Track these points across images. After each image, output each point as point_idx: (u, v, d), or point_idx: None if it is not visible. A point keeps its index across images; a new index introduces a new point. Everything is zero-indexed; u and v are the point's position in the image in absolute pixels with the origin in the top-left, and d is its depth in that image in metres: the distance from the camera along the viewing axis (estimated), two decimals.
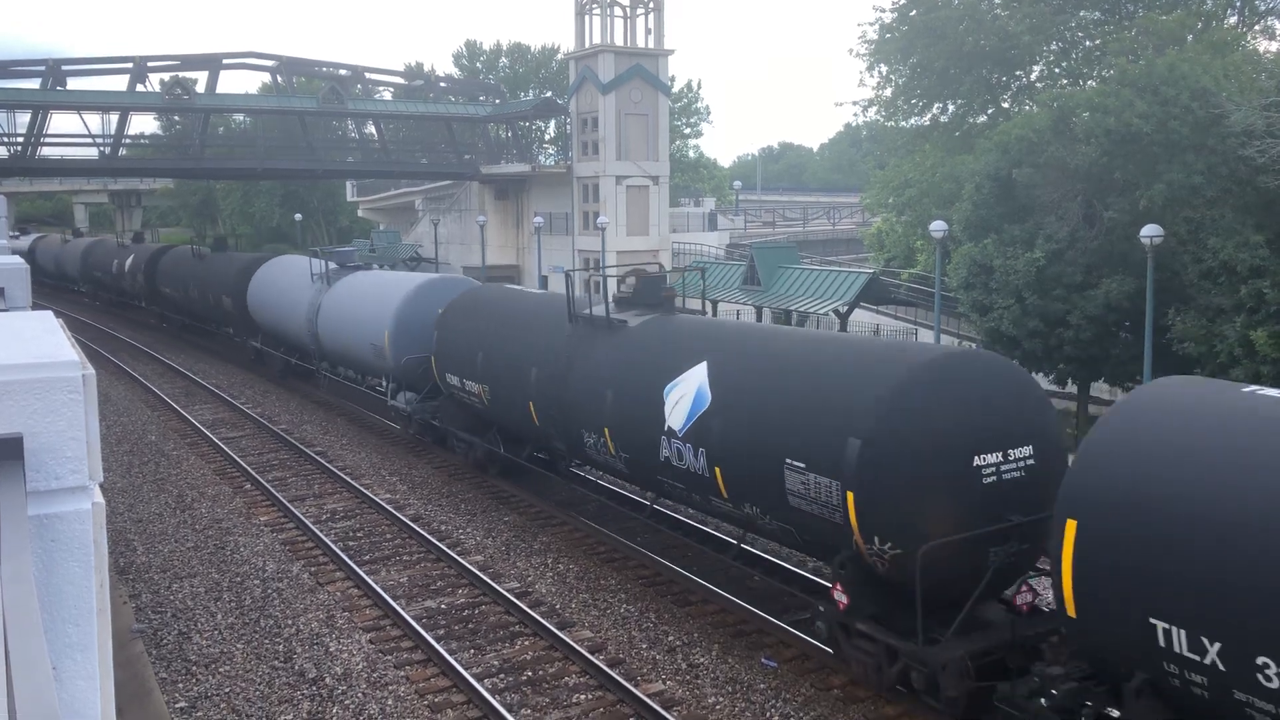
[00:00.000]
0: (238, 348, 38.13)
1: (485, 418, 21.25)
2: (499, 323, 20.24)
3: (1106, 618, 9.03)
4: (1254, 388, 9.55)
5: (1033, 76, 44.86)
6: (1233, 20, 40.21)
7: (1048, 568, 10.63)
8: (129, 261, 49.70)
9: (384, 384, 25.79)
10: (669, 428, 14.16)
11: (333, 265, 29.85)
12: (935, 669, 10.89)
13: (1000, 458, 11.12)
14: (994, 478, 11.10)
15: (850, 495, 11.12)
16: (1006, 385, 11.69)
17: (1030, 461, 11.33)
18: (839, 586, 11.91)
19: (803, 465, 11.80)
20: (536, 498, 20.44)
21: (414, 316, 23.77)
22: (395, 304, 24.21)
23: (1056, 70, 44.32)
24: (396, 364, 23.99)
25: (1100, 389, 30.32)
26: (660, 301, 17.23)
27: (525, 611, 14.83)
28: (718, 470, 13.49)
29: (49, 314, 3.94)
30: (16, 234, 75.42)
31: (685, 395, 14.02)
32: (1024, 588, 11.70)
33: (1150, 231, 22.27)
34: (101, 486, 2.80)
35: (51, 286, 65.64)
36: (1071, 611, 9.24)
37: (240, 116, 69.14)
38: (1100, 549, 8.94)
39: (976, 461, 11.01)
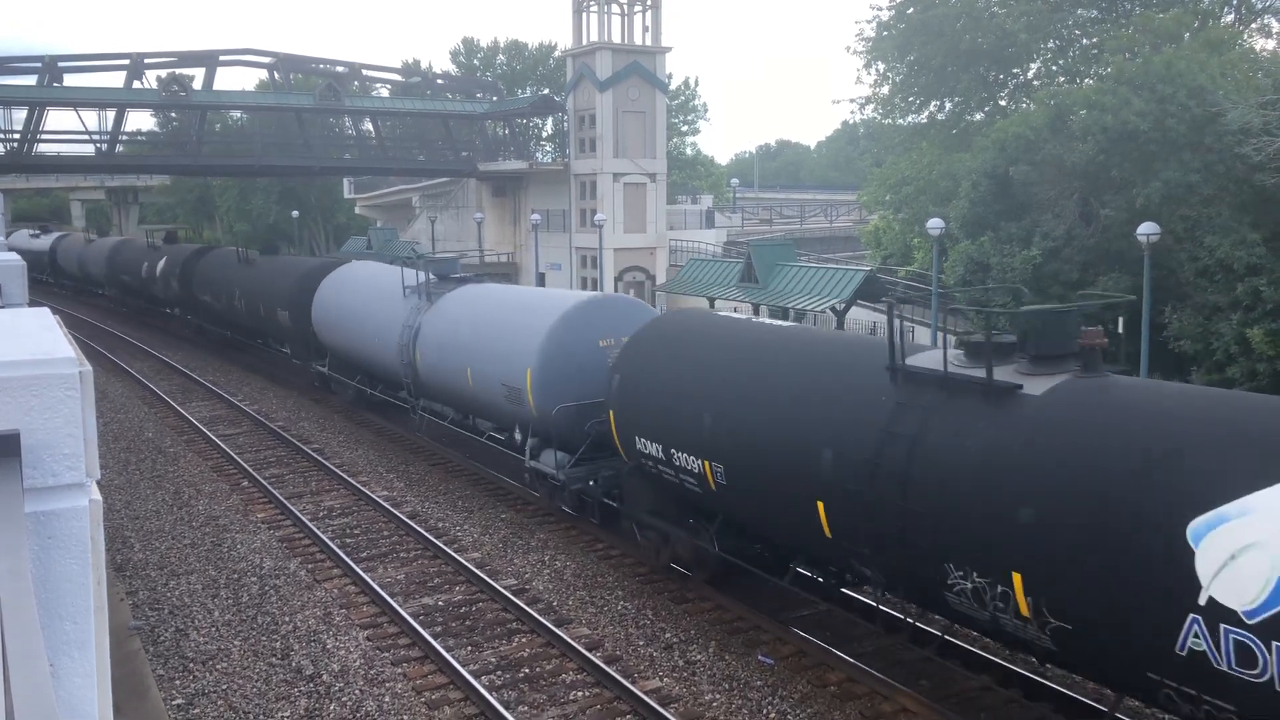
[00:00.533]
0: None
1: (707, 507, 14.80)
2: (742, 368, 13.72)
3: (624, 438, 15.66)
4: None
5: (1030, 74, 44.90)
6: (1230, 18, 40.25)
7: None
8: (161, 264, 44.12)
9: (518, 437, 19.60)
10: (1213, 602, 7.78)
11: (432, 276, 23.95)
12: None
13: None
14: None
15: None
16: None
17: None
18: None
19: None
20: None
21: (566, 350, 18.11)
22: (541, 333, 18.30)
23: (1054, 68, 44.35)
24: (543, 414, 18.16)
25: None
26: (1074, 351, 10.39)
27: (522, 609, 14.84)
28: None
29: (46, 310, 3.94)
30: (38, 232, 73.52)
31: (1253, 549, 7.59)
32: None
33: (1147, 229, 22.31)
34: (99, 483, 2.80)
35: (73, 289, 64.09)
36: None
37: (237, 113, 69.02)
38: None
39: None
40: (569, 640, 13.73)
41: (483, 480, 21.91)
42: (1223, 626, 7.60)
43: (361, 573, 16.33)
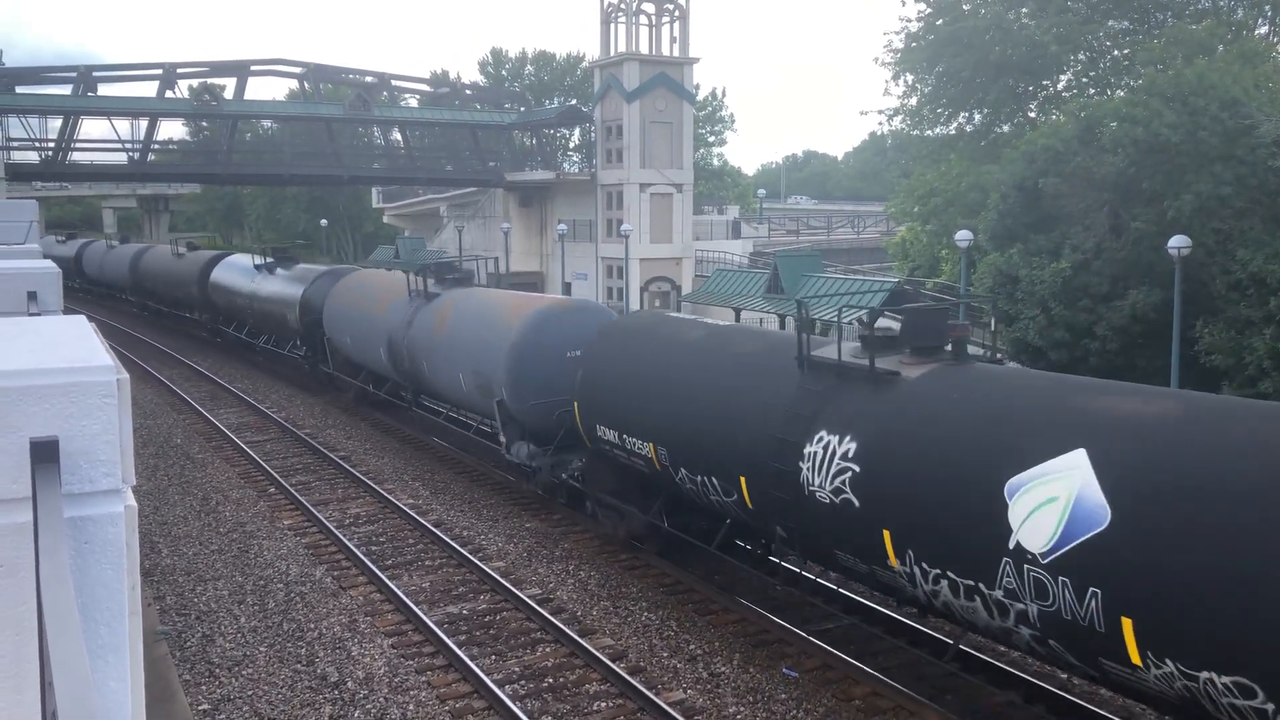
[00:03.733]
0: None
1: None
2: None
3: (586, 426, 17.35)
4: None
5: (1059, 86, 44.67)
6: (1263, 30, 39.91)
7: None
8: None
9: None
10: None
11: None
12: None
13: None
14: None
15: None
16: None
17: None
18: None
19: None
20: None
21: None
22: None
23: (1084, 80, 44.11)
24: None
25: None
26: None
27: (546, 618, 14.83)
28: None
29: (82, 318, 3.99)
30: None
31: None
32: None
33: (1178, 242, 22.10)
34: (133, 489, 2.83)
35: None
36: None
37: (267, 123, 69.68)
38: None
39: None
40: (593, 651, 13.71)
41: (507, 489, 21.95)
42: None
43: (387, 580, 16.39)
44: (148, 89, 51.45)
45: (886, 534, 11.00)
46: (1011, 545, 9.49)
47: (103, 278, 61.02)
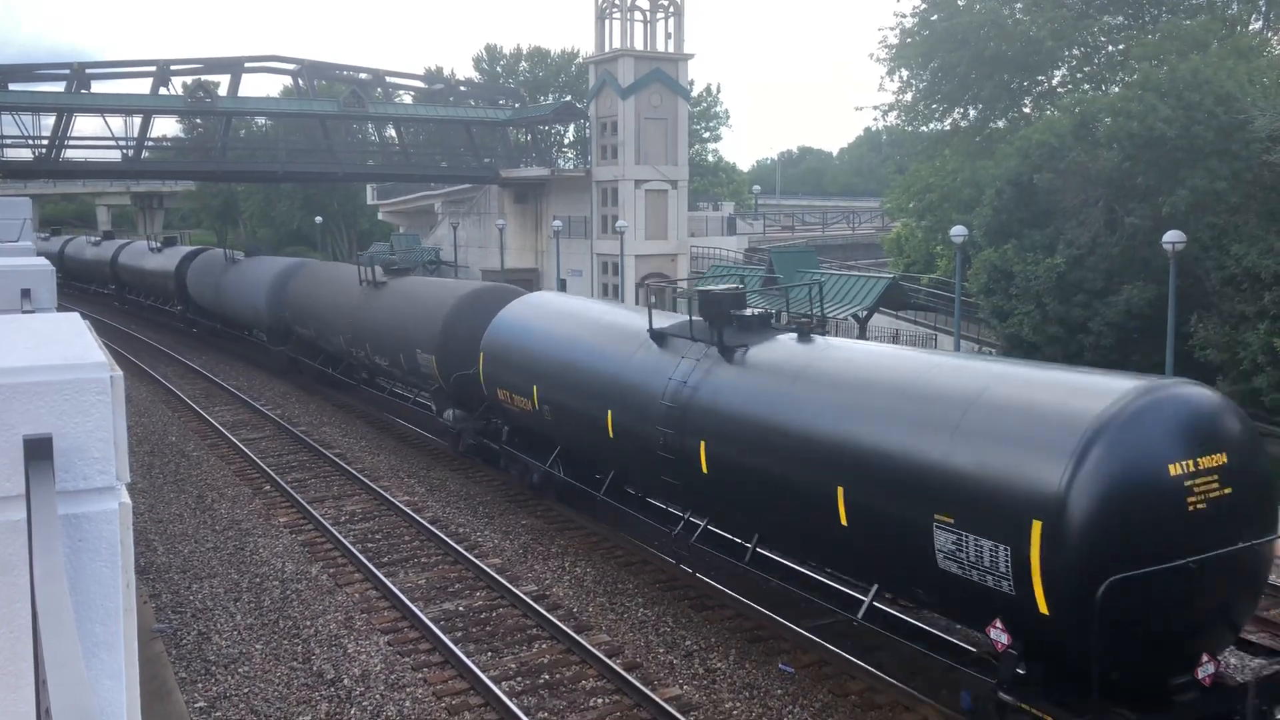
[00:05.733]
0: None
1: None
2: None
3: (489, 390, 21.09)
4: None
5: (1054, 81, 44.69)
6: (1257, 25, 39.96)
7: None
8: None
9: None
10: None
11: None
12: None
13: None
14: None
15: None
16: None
17: None
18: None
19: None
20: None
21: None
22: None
23: (1079, 75, 44.12)
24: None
25: None
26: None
27: (543, 615, 14.84)
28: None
29: (76, 315, 3.98)
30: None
31: None
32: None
33: (1172, 237, 22.12)
34: (127, 486, 2.82)
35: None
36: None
37: (262, 120, 69.53)
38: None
39: None
40: (589, 647, 13.72)
41: (503, 486, 21.95)
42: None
43: (383, 577, 16.38)
44: (141, 86, 51.29)
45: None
46: None
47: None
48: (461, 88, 63.96)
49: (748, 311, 15.40)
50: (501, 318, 21.12)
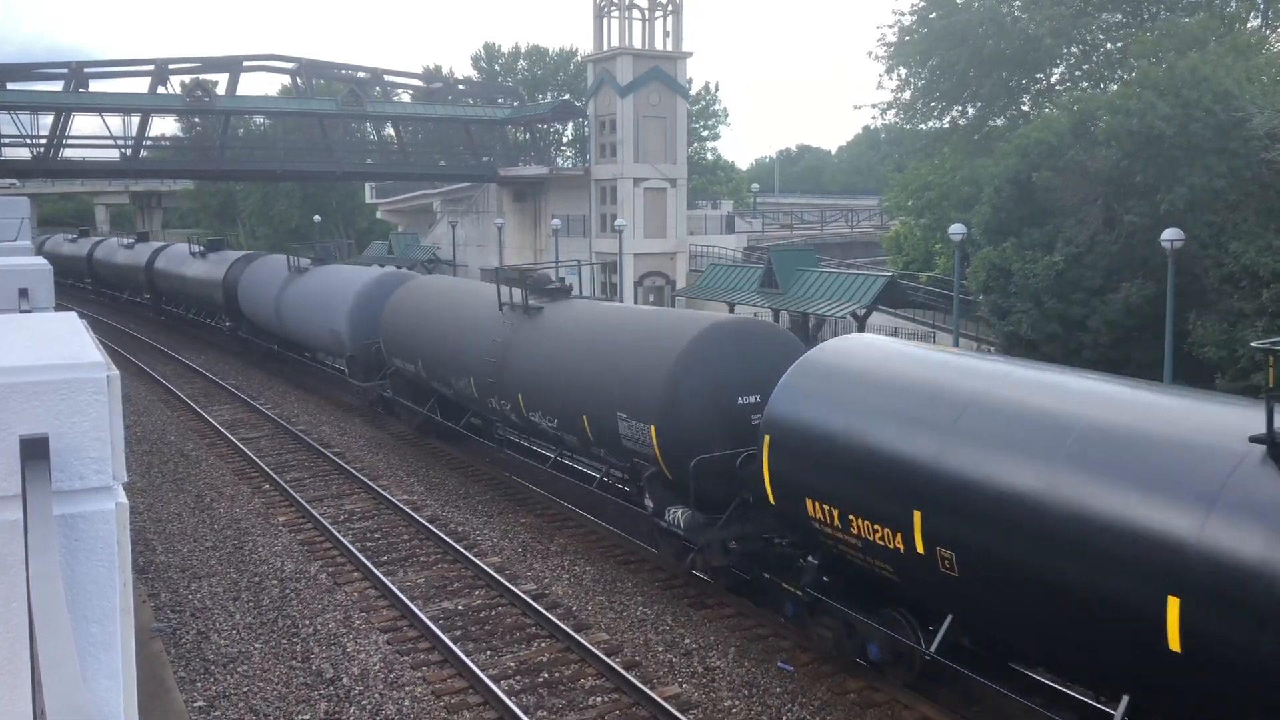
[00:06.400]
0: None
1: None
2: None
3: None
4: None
5: (1053, 79, 44.67)
6: (1256, 23, 39.96)
7: None
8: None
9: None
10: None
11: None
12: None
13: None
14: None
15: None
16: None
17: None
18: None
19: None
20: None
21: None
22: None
23: (1077, 74, 44.11)
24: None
25: None
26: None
27: (542, 613, 14.84)
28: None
29: (73, 315, 3.98)
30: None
31: None
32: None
33: (1171, 235, 22.13)
34: (124, 486, 2.82)
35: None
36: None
37: (260, 119, 69.49)
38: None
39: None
40: (588, 645, 13.72)
41: (502, 485, 21.95)
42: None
43: (382, 576, 16.38)
44: (140, 85, 51.29)
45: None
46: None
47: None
48: (460, 86, 63.93)
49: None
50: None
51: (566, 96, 63.24)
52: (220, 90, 52.34)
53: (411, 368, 24.88)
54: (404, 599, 15.41)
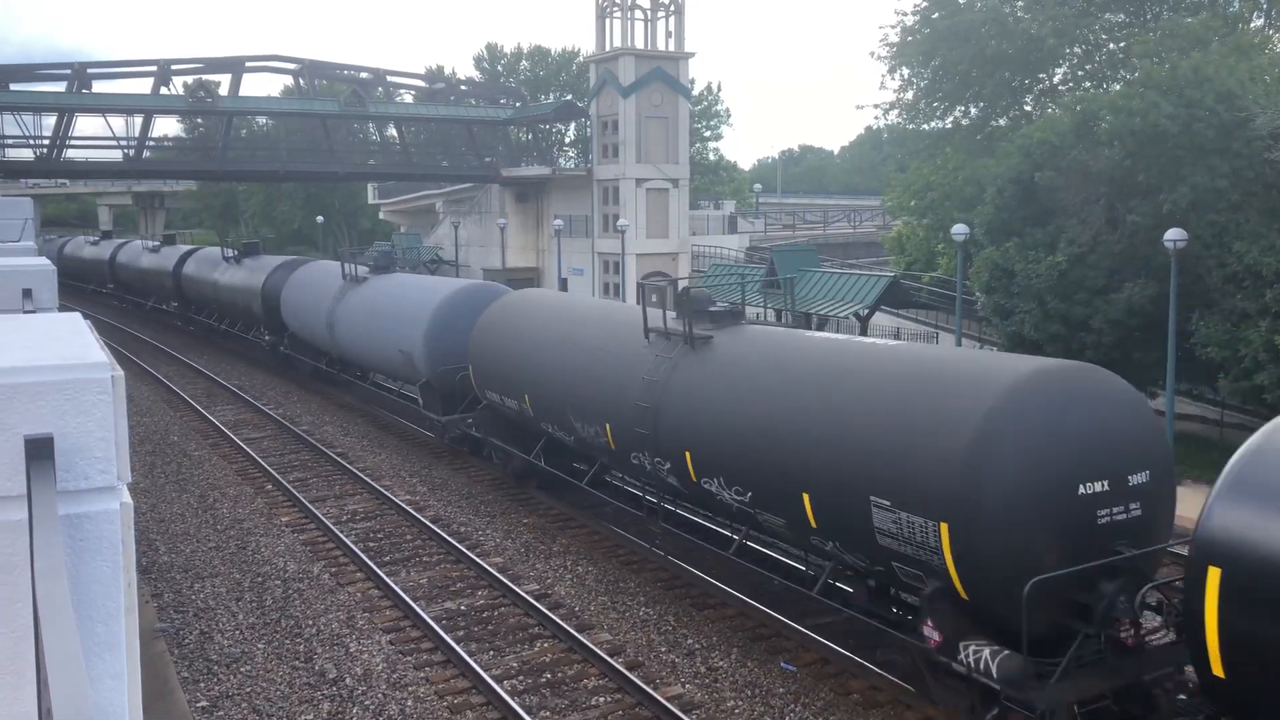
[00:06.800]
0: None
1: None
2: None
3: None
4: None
5: (1056, 79, 44.62)
6: (1259, 23, 39.91)
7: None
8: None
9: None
10: None
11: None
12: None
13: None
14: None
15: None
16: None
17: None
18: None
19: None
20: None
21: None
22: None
23: (1080, 73, 44.07)
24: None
25: None
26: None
27: (544, 614, 14.84)
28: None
29: (77, 315, 3.98)
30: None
31: None
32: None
33: (1174, 235, 22.10)
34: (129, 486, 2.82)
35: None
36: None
37: (263, 119, 69.51)
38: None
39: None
40: (591, 646, 13.72)
41: (504, 485, 21.95)
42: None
43: (385, 577, 16.39)
44: (142, 85, 51.29)
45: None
46: None
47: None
48: (462, 87, 63.92)
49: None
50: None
51: (569, 97, 63.23)
52: (223, 91, 52.36)
53: (514, 404, 19.98)
54: (407, 599, 15.41)
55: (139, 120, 51.15)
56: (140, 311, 55.29)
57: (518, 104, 61.43)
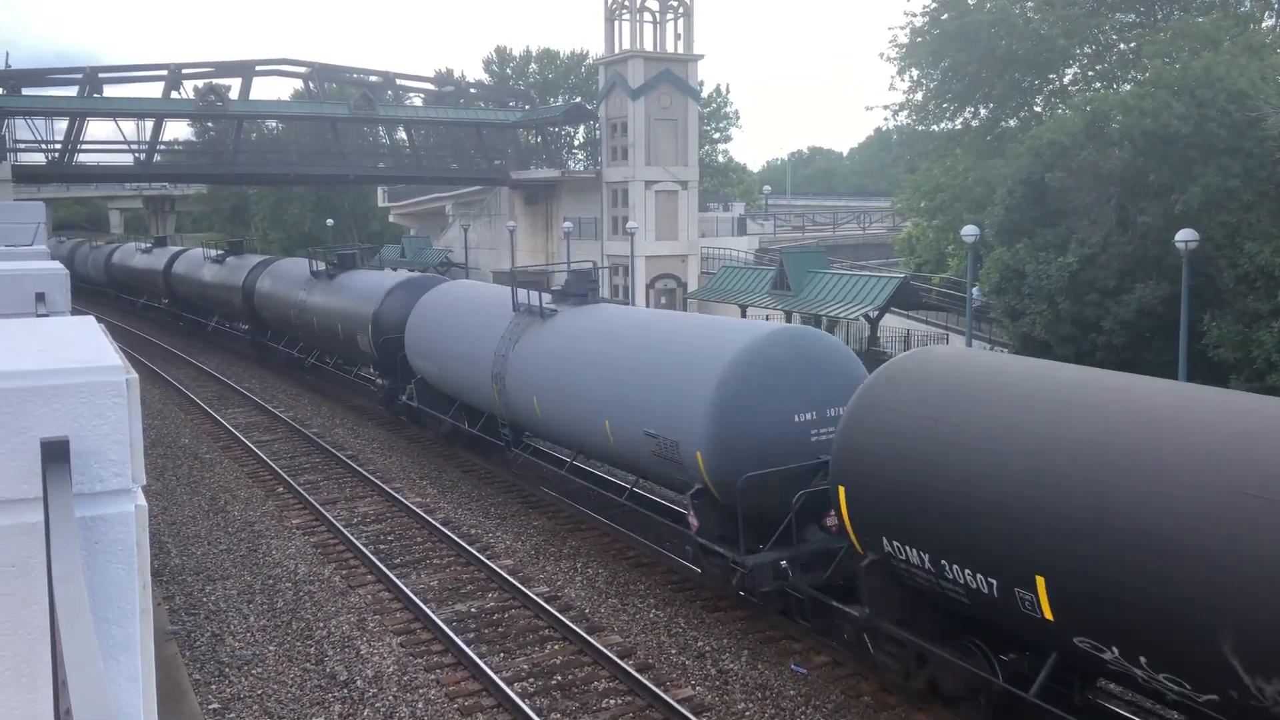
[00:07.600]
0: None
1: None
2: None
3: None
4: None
5: (1066, 80, 44.52)
6: (1270, 22, 39.75)
7: None
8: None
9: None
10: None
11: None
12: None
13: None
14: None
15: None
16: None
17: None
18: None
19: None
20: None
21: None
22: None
23: (1090, 74, 43.96)
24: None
25: None
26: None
27: (555, 616, 14.85)
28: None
29: (91, 319, 3.99)
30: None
31: None
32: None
33: (1185, 236, 22.03)
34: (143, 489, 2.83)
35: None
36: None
37: (273, 123, 69.70)
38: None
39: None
40: (601, 648, 13.72)
41: (515, 488, 21.96)
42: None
43: (395, 579, 16.41)
44: (153, 90, 51.60)
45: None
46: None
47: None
48: (471, 90, 64.04)
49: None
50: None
51: (578, 99, 63.24)
52: (233, 95, 52.59)
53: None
54: (417, 601, 15.43)
55: (150, 124, 51.37)
56: (201, 332, 46.95)
57: (527, 106, 61.52)
